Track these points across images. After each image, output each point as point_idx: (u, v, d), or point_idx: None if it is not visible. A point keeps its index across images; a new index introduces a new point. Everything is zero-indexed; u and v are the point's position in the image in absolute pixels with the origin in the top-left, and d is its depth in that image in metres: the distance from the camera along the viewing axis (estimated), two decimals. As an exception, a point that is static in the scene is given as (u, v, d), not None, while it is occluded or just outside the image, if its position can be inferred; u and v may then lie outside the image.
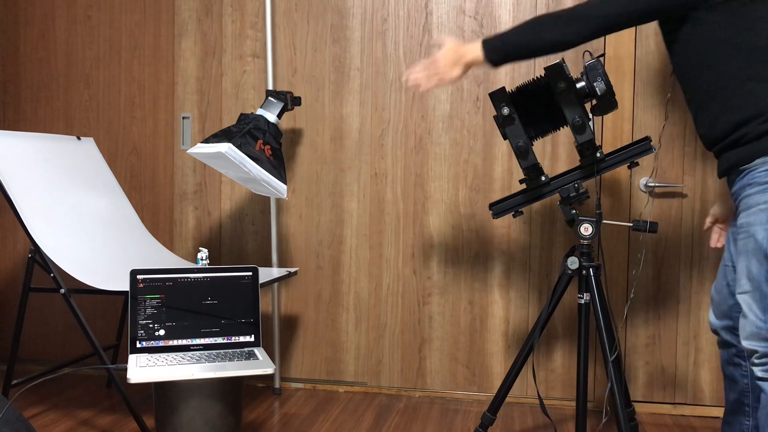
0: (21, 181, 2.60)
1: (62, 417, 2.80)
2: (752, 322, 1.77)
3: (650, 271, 2.95)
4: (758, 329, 1.76)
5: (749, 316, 1.78)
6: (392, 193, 3.12)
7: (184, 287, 2.29)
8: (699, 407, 2.94)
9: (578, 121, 2.18)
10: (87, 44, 3.36)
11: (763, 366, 1.78)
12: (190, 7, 3.25)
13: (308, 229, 3.20)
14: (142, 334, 2.23)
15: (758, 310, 1.76)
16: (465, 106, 3.05)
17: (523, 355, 2.37)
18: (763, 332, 1.76)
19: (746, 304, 1.79)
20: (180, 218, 3.31)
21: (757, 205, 1.75)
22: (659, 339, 2.95)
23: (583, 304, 2.27)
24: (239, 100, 3.23)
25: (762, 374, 1.78)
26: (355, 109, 3.14)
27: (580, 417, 2.27)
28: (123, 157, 3.35)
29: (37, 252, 2.54)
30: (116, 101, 3.35)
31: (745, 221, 1.79)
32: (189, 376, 2.04)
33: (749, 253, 1.77)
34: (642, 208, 2.93)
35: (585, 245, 2.28)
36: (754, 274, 1.76)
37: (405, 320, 3.13)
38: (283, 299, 3.24)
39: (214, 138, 2.68)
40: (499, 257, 3.05)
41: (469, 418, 2.85)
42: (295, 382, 3.25)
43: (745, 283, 1.79)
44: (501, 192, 3.04)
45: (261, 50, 3.20)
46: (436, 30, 3.06)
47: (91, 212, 2.84)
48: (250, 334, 2.34)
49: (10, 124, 3.45)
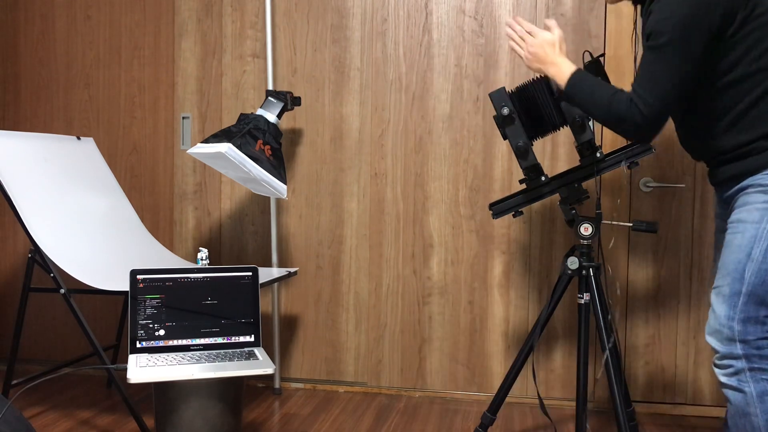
0: (21, 181, 2.60)
1: (62, 417, 2.80)
2: (717, 319, 1.74)
3: (650, 271, 2.95)
4: (721, 327, 1.73)
5: (716, 311, 1.75)
6: (392, 193, 3.12)
7: (184, 287, 2.29)
8: (699, 407, 2.94)
9: (578, 121, 2.18)
10: (87, 44, 3.36)
11: (724, 370, 1.74)
12: (190, 7, 3.25)
13: (308, 229, 3.20)
14: (142, 334, 2.23)
15: (725, 307, 1.73)
16: (465, 106, 3.05)
17: (523, 355, 2.37)
18: (725, 331, 1.73)
19: (715, 299, 1.77)
20: (180, 218, 3.31)
21: (753, 203, 1.73)
22: (659, 339, 2.95)
23: (583, 304, 2.27)
24: (239, 100, 3.23)
25: (724, 379, 1.74)
26: (355, 109, 3.14)
27: (580, 417, 2.27)
28: (123, 157, 3.35)
29: (37, 252, 2.54)
30: (116, 101, 3.35)
31: (737, 218, 1.77)
32: (189, 376, 2.04)
33: (732, 248, 1.74)
34: (642, 208, 2.93)
35: (585, 245, 2.28)
36: (730, 270, 1.73)
37: (405, 320, 3.13)
38: (283, 299, 3.24)
39: (214, 138, 2.68)
40: (499, 257, 3.05)
41: (469, 418, 2.85)
42: (295, 382, 3.25)
43: (719, 279, 1.77)
44: (501, 192, 3.04)
45: (261, 50, 3.20)
46: (436, 30, 3.06)
47: (91, 212, 2.84)
48: (250, 334, 2.34)
49: (10, 124, 3.45)
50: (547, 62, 2.04)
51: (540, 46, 2.06)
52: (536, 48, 2.06)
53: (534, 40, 2.07)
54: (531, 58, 2.08)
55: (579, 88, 1.94)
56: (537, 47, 2.06)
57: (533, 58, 2.07)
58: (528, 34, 2.10)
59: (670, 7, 1.73)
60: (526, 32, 2.10)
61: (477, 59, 3.04)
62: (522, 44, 2.11)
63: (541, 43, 2.06)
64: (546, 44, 2.06)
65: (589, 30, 2.96)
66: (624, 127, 1.84)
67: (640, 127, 1.81)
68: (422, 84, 3.08)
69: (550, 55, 2.04)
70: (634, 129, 1.82)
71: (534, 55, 2.07)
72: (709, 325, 1.77)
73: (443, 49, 3.06)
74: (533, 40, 2.07)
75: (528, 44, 2.08)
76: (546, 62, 2.05)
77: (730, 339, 1.72)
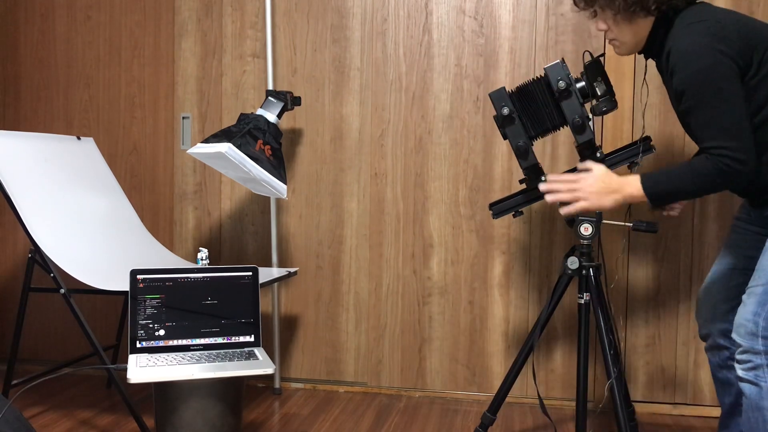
0: (21, 181, 2.60)
1: (62, 417, 2.80)
2: (743, 314, 1.80)
3: (650, 271, 2.95)
4: (746, 321, 1.79)
5: (745, 306, 1.80)
6: (392, 193, 3.12)
7: (184, 287, 2.29)
8: (699, 407, 2.94)
9: (578, 121, 2.18)
10: (87, 44, 3.36)
11: (743, 365, 1.79)
12: (190, 7, 3.25)
13: (308, 229, 3.20)
14: (142, 334, 2.23)
15: (754, 303, 1.78)
16: (465, 106, 3.05)
17: (523, 355, 2.37)
18: (749, 326, 1.78)
19: (746, 298, 1.81)
20: (180, 218, 3.31)
21: None
22: (659, 339, 2.95)
23: (583, 304, 2.27)
24: (239, 100, 3.23)
25: (742, 374, 1.79)
26: (355, 109, 3.14)
27: (580, 417, 2.27)
28: (123, 157, 3.35)
29: (37, 252, 2.54)
30: (116, 101, 3.35)
31: None
32: (189, 376, 2.04)
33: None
34: (642, 208, 2.93)
35: (585, 245, 2.28)
36: (766, 272, 1.79)
37: (405, 320, 3.13)
38: (283, 299, 3.24)
39: (214, 138, 2.68)
40: (499, 257, 3.05)
41: (469, 418, 2.85)
42: (295, 382, 3.25)
43: (754, 280, 1.81)
44: (501, 192, 3.04)
45: (261, 50, 3.20)
46: (436, 30, 3.06)
47: (91, 212, 2.84)
48: (250, 334, 2.34)
49: (10, 124, 3.45)
50: (614, 189, 1.97)
51: (596, 181, 1.99)
52: (595, 185, 1.99)
53: (587, 181, 2.00)
54: (595, 196, 1.99)
55: (660, 187, 1.89)
56: (594, 185, 1.99)
57: (597, 194, 1.99)
58: (573, 182, 2.03)
59: (692, 64, 1.77)
60: (570, 181, 2.03)
61: (477, 59, 3.04)
62: (577, 194, 2.02)
63: (595, 179, 2.00)
64: (600, 177, 2.00)
65: (589, 30, 2.95)
66: (724, 179, 1.80)
67: (736, 170, 1.78)
68: (422, 84, 3.08)
69: (612, 182, 1.97)
70: (732, 174, 1.78)
71: (597, 193, 1.99)
72: (736, 319, 1.82)
73: (443, 49, 3.06)
74: (585, 181, 2.01)
75: (583, 188, 2.01)
76: (613, 190, 1.98)
77: (753, 334, 1.76)
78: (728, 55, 1.76)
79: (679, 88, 1.81)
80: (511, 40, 3.01)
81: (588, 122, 2.19)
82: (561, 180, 2.06)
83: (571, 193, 2.03)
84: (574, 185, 2.03)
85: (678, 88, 1.82)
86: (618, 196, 1.96)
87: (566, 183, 2.05)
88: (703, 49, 1.76)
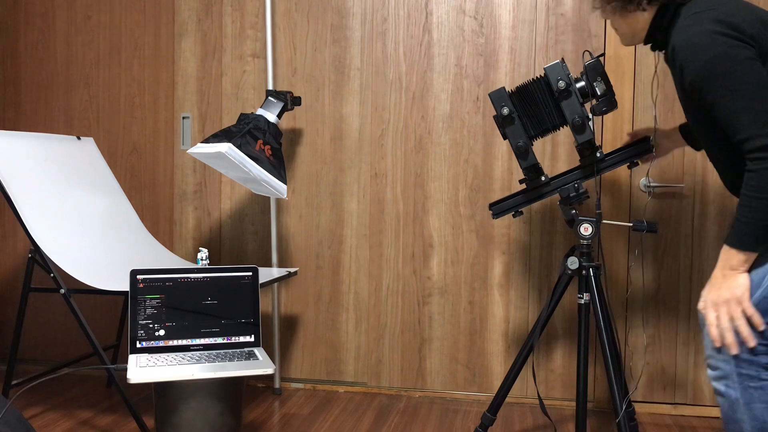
0: (21, 181, 2.60)
1: (62, 417, 2.80)
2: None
3: (650, 271, 2.95)
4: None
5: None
6: (392, 193, 3.12)
7: (184, 287, 2.29)
8: (699, 407, 2.94)
9: (578, 121, 2.18)
10: (87, 44, 3.36)
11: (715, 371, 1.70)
12: (190, 7, 3.25)
13: (308, 229, 3.20)
14: (142, 334, 2.23)
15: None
16: (465, 106, 3.05)
17: (523, 355, 2.37)
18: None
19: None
20: (180, 218, 3.31)
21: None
22: (659, 339, 2.95)
23: (583, 304, 2.27)
24: (239, 100, 3.23)
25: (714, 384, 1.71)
26: (355, 109, 3.14)
27: (580, 417, 2.27)
28: (123, 157, 3.35)
29: (37, 252, 2.54)
30: (116, 101, 3.35)
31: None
32: (189, 376, 2.04)
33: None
34: (642, 208, 2.93)
35: (585, 245, 2.28)
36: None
37: (405, 320, 3.13)
38: (283, 299, 3.24)
39: (214, 138, 2.68)
40: (499, 257, 3.05)
41: (469, 418, 2.85)
42: (295, 382, 3.25)
43: None
44: (501, 192, 3.04)
45: (261, 50, 3.20)
46: (436, 30, 3.06)
47: (91, 212, 2.84)
48: (250, 334, 2.34)
49: (10, 124, 3.45)
50: (727, 283, 1.69)
51: (713, 293, 1.72)
52: (714, 295, 1.71)
53: (715, 293, 1.72)
54: (722, 295, 1.69)
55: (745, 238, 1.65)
56: (713, 294, 1.71)
57: (722, 293, 1.70)
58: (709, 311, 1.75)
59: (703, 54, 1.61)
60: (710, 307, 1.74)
61: (477, 59, 3.04)
62: (713, 311, 1.72)
63: (713, 293, 1.72)
64: (712, 291, 1.72)
65: (589, 30, 2.95)
66: None
67: None
68: (422, 84, 3.08)
69: (721, 283, 1.70)
70: None
71: (719, 295, 1.70)
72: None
73: (443, 49, 3.06)
74: (712, 294, 1.73)
75: (706, 306, 1.74)
76: (726, 285, 1.69)
77: None
78: (740, 39, 1.59)
79: (694, 84, 1.64)
80: (511, 40, 3.01)
81: (588, 122, 2.19)
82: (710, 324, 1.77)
83: (726, 308, 1.72)
84: (716, 310, 1.73)
85: (692, 84, 1.65)
86: (726, 271, 1.70)
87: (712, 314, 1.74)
88: (712, 36, 1.59)
